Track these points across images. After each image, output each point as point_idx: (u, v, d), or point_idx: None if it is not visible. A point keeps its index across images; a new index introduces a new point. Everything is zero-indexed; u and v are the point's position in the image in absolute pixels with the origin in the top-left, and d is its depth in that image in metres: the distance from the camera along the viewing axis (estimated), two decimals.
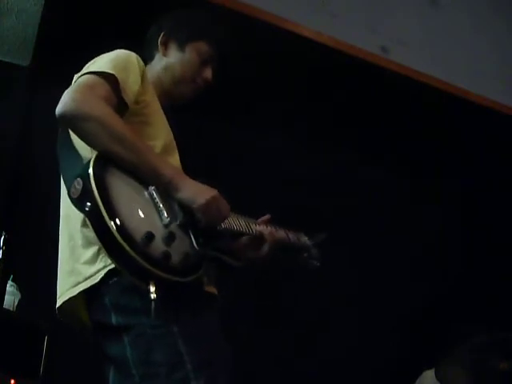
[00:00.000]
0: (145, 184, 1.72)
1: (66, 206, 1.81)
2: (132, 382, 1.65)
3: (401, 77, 3.67)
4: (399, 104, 3.83)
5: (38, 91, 3.45)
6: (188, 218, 1.71)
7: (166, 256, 1.60)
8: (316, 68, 3.59)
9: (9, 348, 2.60)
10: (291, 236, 2.11)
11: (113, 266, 1.64)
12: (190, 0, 2.35)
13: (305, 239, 2.18)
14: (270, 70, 3.53)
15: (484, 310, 3.99)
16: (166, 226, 1.66)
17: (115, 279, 1.66)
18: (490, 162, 4.18)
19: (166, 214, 1.67)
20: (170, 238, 1.63)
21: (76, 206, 1.65)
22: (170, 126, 1.98)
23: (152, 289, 1.56)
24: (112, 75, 1.76)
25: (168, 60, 2.06)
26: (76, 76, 1.86)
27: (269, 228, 2.00)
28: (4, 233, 2.91)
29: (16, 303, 2.87)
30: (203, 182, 1.79)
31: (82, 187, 1.61)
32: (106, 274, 1.66)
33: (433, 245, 4.28)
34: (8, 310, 2.81)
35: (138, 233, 1.58)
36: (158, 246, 1.61)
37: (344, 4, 3.65)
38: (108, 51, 1.92)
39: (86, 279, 1.70)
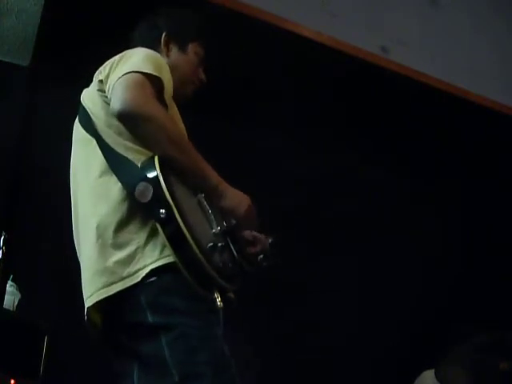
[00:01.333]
0: (194, 191, 1.76)
1: (90, 205, 1.79)
2: (170, 381, 1.64)
3: (401, 77, 3.67)
4: (399, 104, 3.83)
5: (38, 91, 3.45)
6: (229, 227, 1.78)
7: (224, 265, 1.67)
8: (316, 68, 3.59)
9: (9, 348, 2.60)
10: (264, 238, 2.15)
11: (153, 265, 1.66)
12: (190, 0, 2.35)
13: (266, 241, 2.22)
14: (270, 70, 3.53)
15: (484, 310, 3.99)
16: (216, 235, 1.71)
17: (152, 279, 1.67)
18: (490, 161, 4.18)
19: (215, 223, 1.73)
20: (223, 248, 1.70)
21: (145, 210, 1.67)
22: None
23: (218, 298, 1.62)
24: (157, 77, 1.76)
25: (170, 60, 2.05)
26: (104, 69, 1.83)
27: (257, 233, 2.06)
28: (4, 233, 2.91)
29: (16, 303, 2.86)
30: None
31: (153, 193, 1.63)
32: (146, 274, 1.67)
33: (433, 245, 4.28)
34: (8, 310, 2.81)
35: (205, 241, 1.64)
36: (218, 255, 1.67)
37: (344, 4, 3.66)
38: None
39: (123, 279, 1.69)
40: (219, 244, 1.68)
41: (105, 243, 1.73)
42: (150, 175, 1.65)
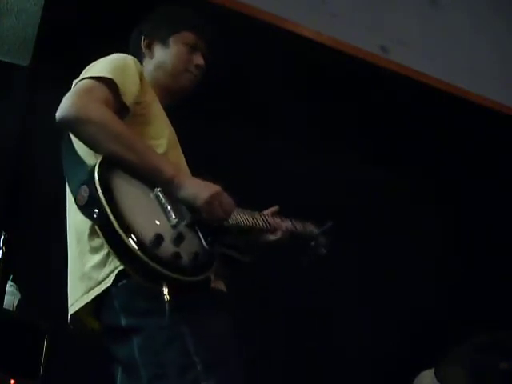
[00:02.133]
0: (151, 186, 1.72)
1: (72, 211, 1.81)
2: (141, 383, 1.64)
3: (401, 77, 3.67)
4: (399, 104, 3.83)
5: (38, 91, 3.45)
6: (195, 217, 1.72)
7: (176, 257, 1.61)
8: (316, 68, 3.59)
9: (9, 348, 2.60)
10: (298, 225, 2.14)
11: (121, 267, 1.65)
12: (191, 0, 2.35)
13: (311, 228, 2.19)
14: (270, 70, 3.53)
15: (484, 310, 3.99)
16: (174, 226, 1.66)
17: (124, 281, 1.66)
18: (490, 161, 4.18)
19: (173, 215, 1.68)
20: (178, 239, 1.64)
21: (84, 214, 1.65)
22: (172, 125, 1.98)
23: (165, 291, 1.57)
24: (110, 79, 1.77)
25: (156, 60, 2.07)
26: (74, 82, 1.86)
27: (276, 219, 2.04)
28: (4, 233, 2.91)
29: (16, 303, 2.86)
30: (206, 179, 1.79)
31: (89, 194, 1.61)
32: (116, 276, 1.66)
33: (433, 245, 4.28)
34: (8, 310, 2.81)
35: (147, 236, 1.59)
36: (168, 247, 1.61)
37: (344, 4, 3.66)
38: (108, 51, 1.93)
39: (99, 283, 1.70)
40: (172, 236, 1.63)
41: (83, 249, 1.74)
42: (90, 177, 1.63)
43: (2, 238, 2.89)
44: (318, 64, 3.58)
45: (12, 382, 2.51)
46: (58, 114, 1.70)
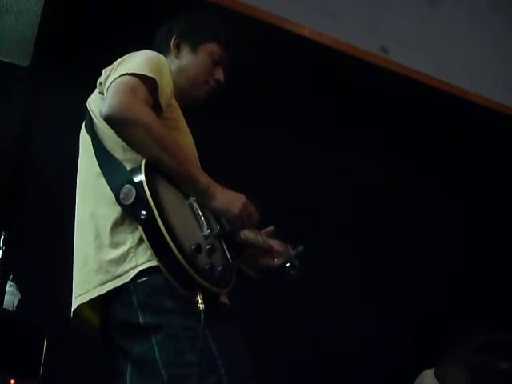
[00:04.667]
0: (185, 194, 1.76)
1: (91, 204, 1.81)
2: (160, 381, 1.65)
3: (401, 77, 3.67)
4: (399, 104, 3.83)
5: (38, 91, 3.45)
6: (222, 230, 1.79)
7: (211, 268, 1.66)
8: (316, 68, 3.59)
9: (9, 348, 2.60)
10: (282, 247, 2.15)
11: (145, 266, 1.67)
12: (191, 0, 2.35)
13: (290, 250, 2.21)
14: (270, 70, 3.53)
15: (484, 310, 3.99)
16: (206, 237, 1.71)
17: (144, 279, 1.67)
18: (490, 161, 4.18)
19: (206, 226, 1.72)
20: (212, 250, 1.69)
21: (128, 213, 1.68)
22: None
23: (200, 300, 1.61)
24: (152, 79, 1.77)
25: (181, 62, 2.07)
26: (105, 71, 1.85)
27: (276, 242, 2.09)
28: (4, 233, 2.91)
29: (16, 303, 2.86)
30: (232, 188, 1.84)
31: (136, 195, 1.63)
32: (137, 274, 1.67)
33: (433, 245, 4.28)
34: (8, 310, 2.81)
35: (188, 243, 1.63)
36: (204, 257, 1.66)
37: (344, 4, 3.66)
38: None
39: (115, 278, 1.70)
40: (207, 246, 1.67)
41: (102, 243, 1.74)
42: (136, 178, 1.66)
43: (2, 238, 2.89)
44: (318, 64, 3.58)
45: (12, 382, 2.51)
46: (106, 111, 1.70)
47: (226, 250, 1.78)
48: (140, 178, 1.65)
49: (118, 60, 1.86)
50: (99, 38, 3.15)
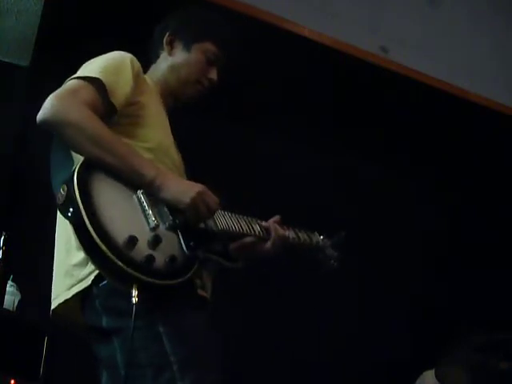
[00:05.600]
0: (133, 188, 1.71)
1: None
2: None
3: (401, 77, 3.67)
4: (399, 104, 3.83)
5: (38, 91, 3.44)
6: (177, 220, 1.71)
7: (149, 259, 1.60)
8: (316, 68, 3.59)
9: (9, 348, 2.60)
10: (301, 235, 2.10)
11: None
12: (191, 0, 2.34)
13: (318, 239, 2.16)
14: (270, 70, 3.53)
15: (484, 310, 3.98)
16: (153, 229, 1.66)
17: (105, 282, 1.65)
18: (490, 161, 4.18)
19: (153, 218, 1.67)
20: (155, 242, 1.63)
21: (61, 212, 1.66)
22: (172, 128, 1.97)
23: (134, 292, 1.56)
24: (97, 79, 1.75)
25: (173, 60, 2.04)
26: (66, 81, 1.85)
27: (275, 225, 1.99)
28: (4, 233, 2.91)
29: (16, 303, 2.87)
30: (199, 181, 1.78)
31: (67, 193, 1.61)
32: (95, 277, 1.66)
33: (433, 244, 4.28)
34: (8, 310, 2.81)
35: (121, 237, 1.59)
36: (142, 249, 1.61)
37: (344, 4, 3.66)
38: (108, 51, 1.92)
39: (80, 281, 1.70)
40: (149, 238, 1.62)
41: (71, 246, 1.74)
42: (70, 176, 1.64)
43: (2, 238, 2.89)
44: (318, 64, 3.58)
45: (12, 382, 2.51)
46: (39, 115, 1.70)
47: (182, 240, 1.71)
48: (72, 175, 1.63)
49: (82, 66, 1.87)
50: (99, 38, 3.15)
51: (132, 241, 1.59)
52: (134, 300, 1.55)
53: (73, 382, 3.05)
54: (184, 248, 1.70)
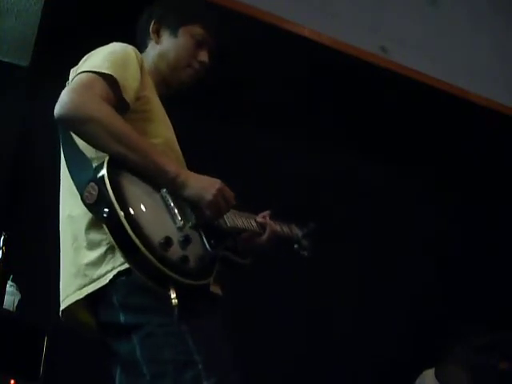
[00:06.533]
0: (156, 187, 1.70)
1: (68, 206, 1.79)
2: (143, 381, 1.63)
3: (401, 77, 3.67)
4: (399, 104, 3.83)
5: (38, 91, 3.45)
6: (200, 218, 1.71)
7: (184, 260, 1.60)
8: (316, 68, 3.59)
9: (9, 348, 2.60)
10: (285, 228, 2.13)
11: (122, 267, 1.63)
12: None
13: (296, 231, 2.18)
14: (270, 70, 3.53)
15: (484, 309, 3.99)
16: (180, 229, 1.65)
17: (122, 278, 1.64)
18: (490, 161, 4.18)
19: (179, 217, 1.66)
20: (185, 242, 1.63)
21: (91, 212, 1.63)
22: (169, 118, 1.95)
23: (173, 295, 1.56)
24: (109, 75, 1.72)
25: (161, 47, 2.02)
26: (72, 71, 1.83)
27: (268, 219, 2.02)
28: (4, 233, 2.91)
29: (16, 303, 2.87)
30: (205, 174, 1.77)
31: (98, 192, 1.59)
32: (114, 276, 1.64)
33: (433, 244, 4.28)
34: (8, 310, 2.81)
35: (156, 237, 1.58)
36: (176, 250, 1.60)
37: (344, 4, 3.66)
38: None
39: (93, 281, 1.68)
40: (180, 238, 1.62)
41: (79, 245, 1.71)
42: (98, 175, 1.61)
43: (2, 238, 2.89)
44: (318, 64, 3.58)
45: (12, 382, 2.51)
46: (57, 111, 1.65)
47: (204, 239, 1.71)
48: (102, 174, 1.60)
49: (84, 57, 1.84)
50: (99, 38, 3.15)
51: (168, 241, 1.58)
52: (175, 302, 1.55)
53: (73, 382, 3.05)
54: (207, 246, 1.70)
